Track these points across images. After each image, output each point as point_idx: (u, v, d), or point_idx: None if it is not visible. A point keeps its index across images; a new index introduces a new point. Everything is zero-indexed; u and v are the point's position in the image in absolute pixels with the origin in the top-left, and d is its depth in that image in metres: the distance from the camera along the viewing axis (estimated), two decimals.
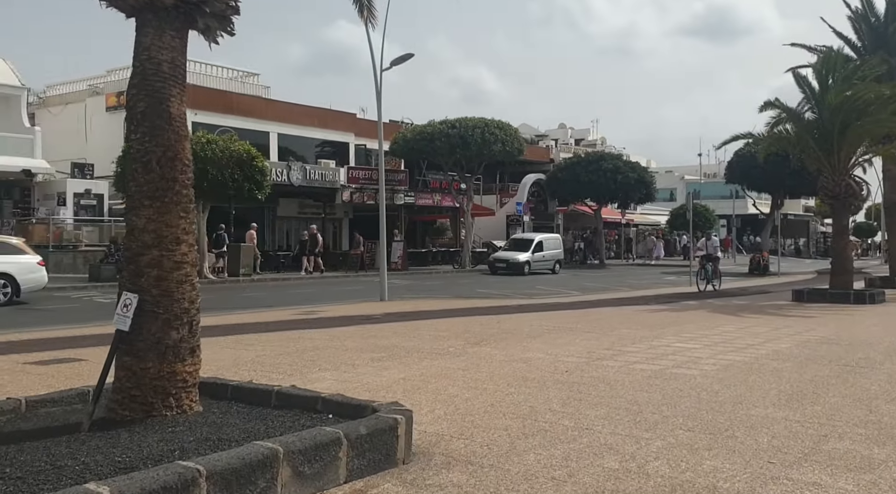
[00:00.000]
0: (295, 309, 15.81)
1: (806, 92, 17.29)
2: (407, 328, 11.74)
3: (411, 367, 7.81)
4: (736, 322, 12.91)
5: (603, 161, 41.38)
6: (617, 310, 15.23)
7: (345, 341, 9.94)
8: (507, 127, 33.77)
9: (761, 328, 11.91)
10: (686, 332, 11.25)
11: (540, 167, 48.34)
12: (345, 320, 13.13)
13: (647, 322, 12.78)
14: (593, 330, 11.45)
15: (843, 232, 17.34)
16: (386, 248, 30.36)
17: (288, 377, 7.16)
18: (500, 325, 12.14)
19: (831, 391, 6.82)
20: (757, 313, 14.66)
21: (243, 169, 22.82)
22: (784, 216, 63.94)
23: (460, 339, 10.25)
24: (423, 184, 38.80)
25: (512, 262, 32.31)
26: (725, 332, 11.29)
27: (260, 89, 35.17)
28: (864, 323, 12.80)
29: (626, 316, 13.79)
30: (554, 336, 10.75)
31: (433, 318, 13.42)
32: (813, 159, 17.50)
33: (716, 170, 72.38)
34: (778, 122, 17.59)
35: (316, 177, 31.22)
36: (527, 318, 13.44)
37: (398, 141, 33.36)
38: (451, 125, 32.50)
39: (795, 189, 39.70)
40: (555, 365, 8.12)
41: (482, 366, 7.94)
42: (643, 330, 11.57)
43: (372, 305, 16.81)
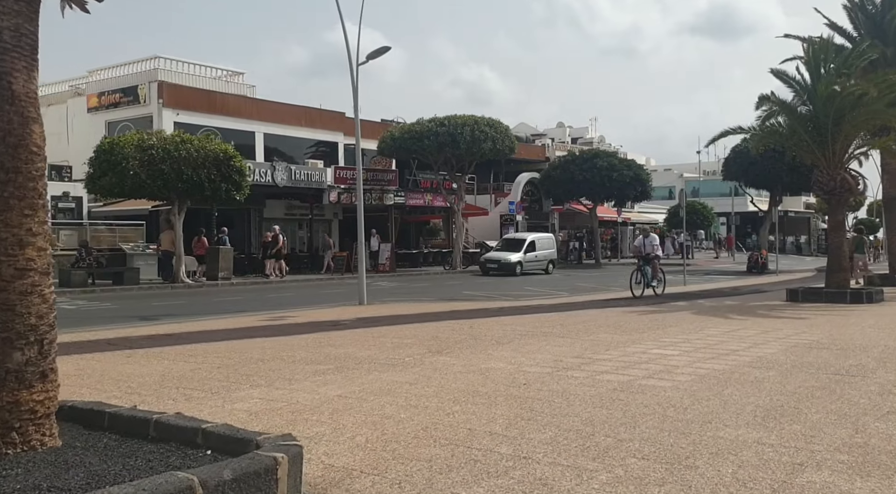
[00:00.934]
0: (265, 314, 15.11)
1: (793, 86, 16.56)
2: (371, 335, 11.03)
3: (354, 382, 7.10)
4: (723, 324, 12.18)
5: (597, 158, 40.65)
6: (601, 313, 14.50)
7: (297, 351, 9.22)
8: (497, 124, 33.04)
9: (749, 331, 11.17)
10: (667, 336, 10.53)
11: (536, 166, 47.65)
12: (310, 326, 12.42)
13: (629, 325, 12.06)
14: (568, 335, 10.73)
15: (838, 227, 16.58)
16: (370, 250, 29.94)
17: (210, 396, 6.45)
18: (471, 330, 11.43)
19: (815, 405, 6.10)
20: (747, 314, 13.93)
21: (220, 169, 22.14)
22: (784, 213, 63.23)
23: (423, 347, 9.53)
24: (413, 184, 38.10)
25: (503, 263, 31.60)
26: (709, 336, 10.56)
27: (245, 88, 34.49)
28: (859, 324, 12.06)
29: (609, 319, 13.06)
30: (525, 341, 10.03)
31: (405, 323, 12.71)
32: (807, 153, 16.75)
33: (716, 167, 71.66)
34: (770, 115, 16.83)
35: (301, 177, 30.51)
36: (503, 322, 12.72)
37: (386, 139, 32.66)
38: (440, 123, 31.79)
39: (793, 185, 38.84)
40: (514, 376, 7.41)
41: (434, 379, 7.23)
42: (622, 334, 10.85)
43: (347, 309, 16.11)
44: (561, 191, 41.89)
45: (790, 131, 16.75)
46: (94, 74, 32.84)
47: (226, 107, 32.01)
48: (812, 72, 16.27)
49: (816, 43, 17.39)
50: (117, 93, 30.92)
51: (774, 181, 36.92)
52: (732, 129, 17.12)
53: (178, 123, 29.93)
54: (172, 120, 29.85)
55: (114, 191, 21.29)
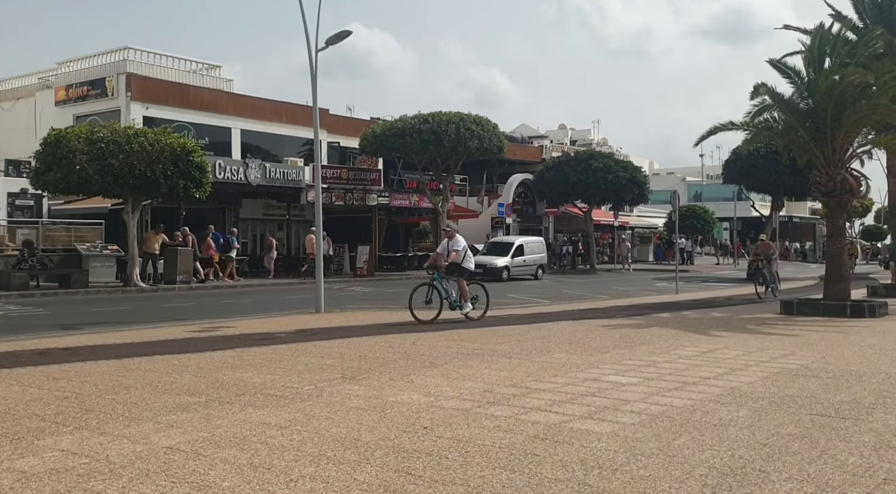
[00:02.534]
0: (201, 324, 13.66)
1: (791, 77, 15.02)
2: (292, 353, 9.56)
3: (212, 423, 5.63)
4: (702, 342, 10.67)
5: (592, 160, 39.18)
6: (571, 326, 13.01)
7: (182, 376, 7.77)
8: (484, 122, 31.56)
9: (729, 351, 9.66)
10: (632, 357, 9.03)
11: (532, 168, 46.14)
12: (235, 340, 10.97)
13: (595, 342, 10.57)
14: (520, 354, 9.24)
15: (838, 233, 15.04)
16: (331, 253, 28.28)
17: (6, 444, 5.00)
18: (412, 347, 9.96)
19: (788, 466, 4.61)
20: (733, 329, 12.41)
21: (178, 164, 20.72)
22: (789, 219, 61.57)
23: (338, 371, 8.07)
24: (398, 184, 36.67)
25: (489, 268, 30.07)
26: (681, 358, 9.05)
27: (222, 82, 33.12)
28: (858, 344, 10.54)
29: (576, 334, 11.57)
30: (464, 363, 8.56)
31: (345, 337, 11.26)
32: (804, 151, 15.23)
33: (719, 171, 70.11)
34: (762, 110, 15.30)
35: (277, 175, 29.10)
36: (456, 337, 11.25)
37: (367, 137, 31.22)
38: (423, 120, 30.35)
39: (796, 189, 37.21)
40: (420, 415, 5.94)
41: (314, 421, 5.76)
42: (581, 353, 9.36)
43: (296, 319, 14.67)
44: (554, 194, 40.41)
45: (786, 127, 15.22)
46: (64, 66, 31.52)
47: (200, 101, 30.61)
48: (814, 62, 14.74)
49: (821, 31, 15.83)
50: (85, 86, 29.57)
51: (776, 184, 35.34)
52: (723, 125, 15.58)
53: (147, 118, 28.59)
54: (142, 114, 28.50)
55: (59, 187, 19.91)
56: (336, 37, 16.48)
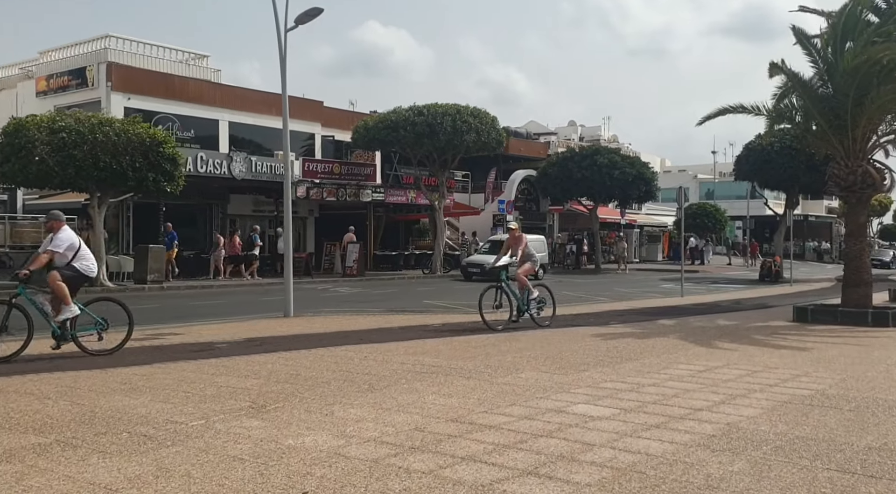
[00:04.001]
0: (147, 330, 12.25)
1: (812, 54, 13.45)
2: (216, 370, 8.18)
3: (23, 482, 4.24)
4: (700, 357, 9.17)
5: (598, 155, 37.59)
6: (556, 334, 11.54)
7: (56, 402, 6.41)
8: (482, 115, 30.05)
9: (731, 370, 8.17)
10: (614, 378, 7.56)
11: (538, 164, 44.55)
12: (167, 352, 9.63)
13: (576, 356, 9.10)
14: (481, 374, 7.80)
15: (858, 232, 13.46)
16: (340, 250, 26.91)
17: None
18: (359, 363, 8.55)
19: None
20: (738, 341, 10.90)
21: (147, 156, 19.40)
22: (804, 217, 59.53)
23: (250, 397, 6.66)
24: (394, 179, 35.25)
25: (487, 267, 28.61)
26: (672, 379, 7.58)
27: (210, 73, 31.80)
28: (884, 360, 9.01)
29: (557, 346, 10.11)
30: (410, 385, 7.13)
31: (295, 349, 9.87)
32: (822, 141, 13.67)
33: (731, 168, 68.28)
34: (784, 94, 13.73)
35: (263, 169, 27.74)
36: (418, 349, 9.82)
37: (359, 130, 29.80)
38: (418, 112, 28.88)
39: (812, 186, 35.41)
40: (313, 469, 4.52)
41: (171, 475, 4.36)
42: (556, 372, 7.91)
43: (254, 325, 13.27)
44: (558, 190, 38.85)
45: (804, 114, 13.66)
46: (46, 55, 30.31)
47: (185, 92, 29.30)
48: (835, 42, 13.11)
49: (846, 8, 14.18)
50: (66, 76, 28.33)
51: (791, 181, 33.62)
52: (732, 107, 14.03)
53: (129, 109, 27.27)
54: (123, 105, 27.20)
55: (17, 180, 18.66)
56: (306, 15, 15.08)
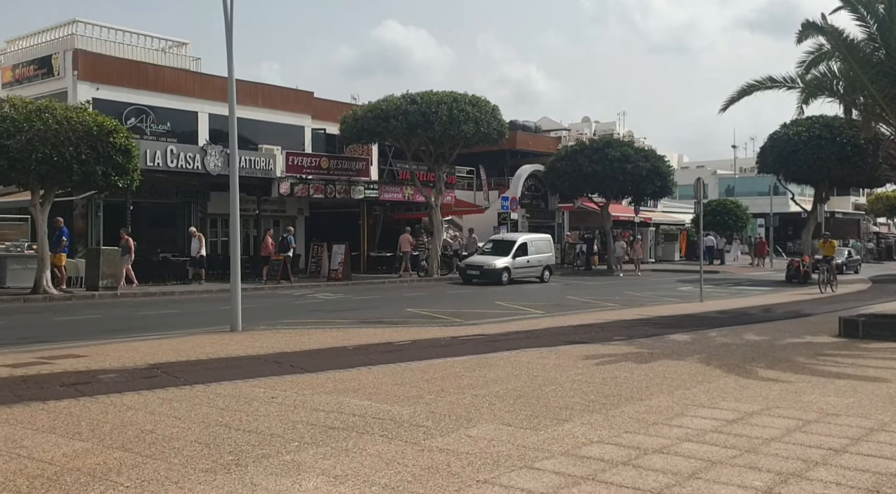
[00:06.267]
0: (44, 350, 10.07)
1: (859, 11, 10.95)
2: (48, 421, 5.92)
3: None
4: (728, 395, 6.75)
5: (609, 148, 34.99)
6: (542, 358, 9.16)
7: None
8: (482, 104, 27.63)
9: (774, 419, 5.76)
10: (603, 437, 5.17)
11: (547, 160, 42.09)
12: (28, 386, 7.38)
13: (558, 395, 6.73)
14: (412, 432, 5.45)
15: None
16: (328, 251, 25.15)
17: None
18: (257, 410, 6.25)
19: None
20: (776, 366, 8.44)
21: (96, 147, 17.22)
22: (831, 214, 56.34)
23: (36, 481, 4.36)
24: (389, 175, 32.95)
25: (487, 269, 26.28)
26: (689, 437, 5.18)
27: (189, 61, 29.65)
28: None
29: (535, 379, 7.73)
30: (292, 457, 4.81)
31: (202, 381, 7.62)
32: (872, 116, 11.19)
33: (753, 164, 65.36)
34: (818, 59, 11.27)
35: (243, 164, 25.48)
36: (347, 384, 7.50)
37: (347, 120, 27.48)
38: (411, 100, 26.51)
39: (843, 179, 32.71)
40: None
41: None
42: (522, 424, 5.54)
43: (182, 343, 11.00)
44: (567, 186, 36.26)
45: (849, 83, 11.17)
46: (13, 44, 28.33)
47: (161, 82, 27.14)
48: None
49: None
50: (32, 65, 26.31)
51: (820, 173, 30.83)
52: (760, 82, 11.59)
53: (98, 100, 25.19)
54: (91, 95, 25.07)
55: None
56: None
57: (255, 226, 29.73)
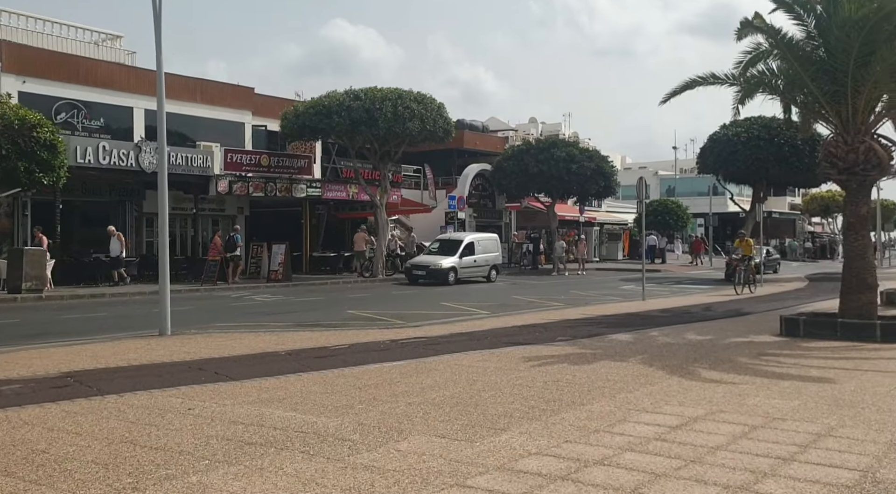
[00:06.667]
0: None
1: (795, 10, 10.93)
2: None
3: None
4: (672, 398, 6.51)
5: (555, 148, 35.08)
6: (483, 360, 8.82)
7: None
8: (428, 101, 27.24)
9: (719, 424, 5.51)
10: (542, 447, 4.84)
11: (494, 159, 41.94)
12: None
13: (497, 401, 6.38)
14: (336, 446, 5.02)
15: (859, 225, 10.98)
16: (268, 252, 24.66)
17: None
18: (171, 422, 5.74)
19: None
20: (719, 367, 8.28)
21: (17, 142, 16.23)
22: (768, 214, 57.75)
23: None
24: (333, 173, 32.28)
25: (433, 269, 25.90)
26: (632, 446, 4.88)
27: (123, 55, 28.48)
28: None
29: (474, 381, 7.38)
30: (199, 479, 4.33)
31: (117, 391, 7.06)
32: (812, 113, 11.21)
33: (693, 164, 66.69)
34: (757, 57, 11.24)
35: (179, 161, 24.55)
36: (272, 393, 7.03)
37: (288, 116, 26.75)
38: (354, 96, 25.94)
39: (781, 179, 33.42)
40: None
41: None
42: (457, 435, 5.16)
43: (104, 349, 10.30)
44: (513, 185, 36.21)
45: (789, 81, 11.16)
46: None
47: (93, 76, 25.94)
48: None
49: None
50: None
51: (759, 173, 31.41)
52: (702, 78, 11.50)
53: (25, 93, 23.93)
54: (17, 88, 23.80)
55: None
56: None
57: (194, 226, 28.79)
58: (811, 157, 30.92)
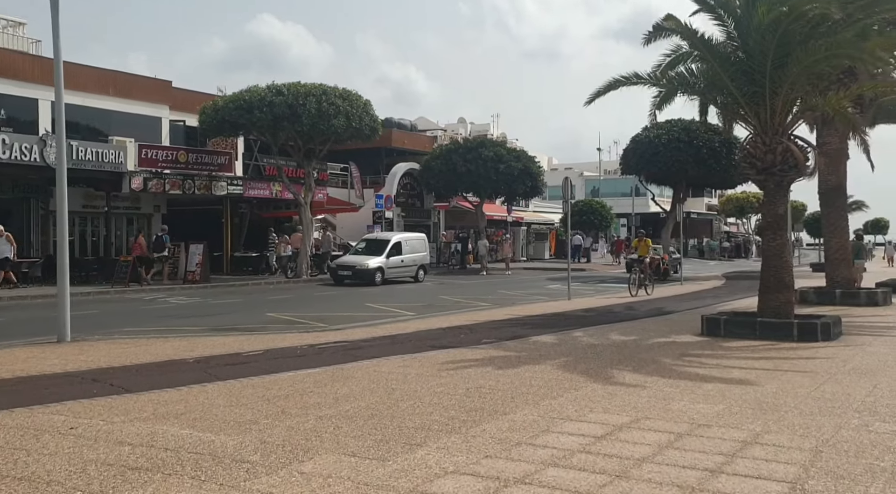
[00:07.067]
0: None
1: (716, 10, 10.98)
2: None
3: None
4: (596, 404, 6.28)
5: (483, 148, 35.03)
6: (403, 366, 8.43)
7: None
8: (354, 98, 26.63)
9: (645, 433, 5.29)
10: (460, 464, 4.49)
11: (423, 158, 41.57)
12: None
13: (414, 412, 6.01)
14: (232, 470, 4.53)
15: (777, 225, 11.12)
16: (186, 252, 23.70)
17: None
18: (47, 444, 5.11)
19: None
20: (643, 369, 8.14)
21: None
22: (686, 215, 59.75)
23: None
24: (255, 171, 31.26)
25: (359, 269, 25.32)
26: (556, 461, 4.59)
27: (27, 43, 26.78)
28: (847, 403, 6.43)
29: (393, 389, 6.99)
30: None
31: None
32: (732, 114, 11.30)
33: (617, 166, 68.09)
34: (677, 59, 11.24)
35: (88, 156, 23.20)
36: (171, 406, 6.46)
37: (207, 111, 25.68)
38: (276, 91, 25.10)
39: (700, 180, 34.36)
40: None
41: None
42: (369, 453, 4.75)
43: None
44: (442, 185, 36.00)
45: (710, 82, 11.21)
46: None
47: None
48: None
49: None
50: None
51: (679, 174, 32.17)
52: (626, 78, 11.42)
53: None
54: None
55: None
56: None
57: (106, 225, 27.34)
58: (728, 159, 31.94)
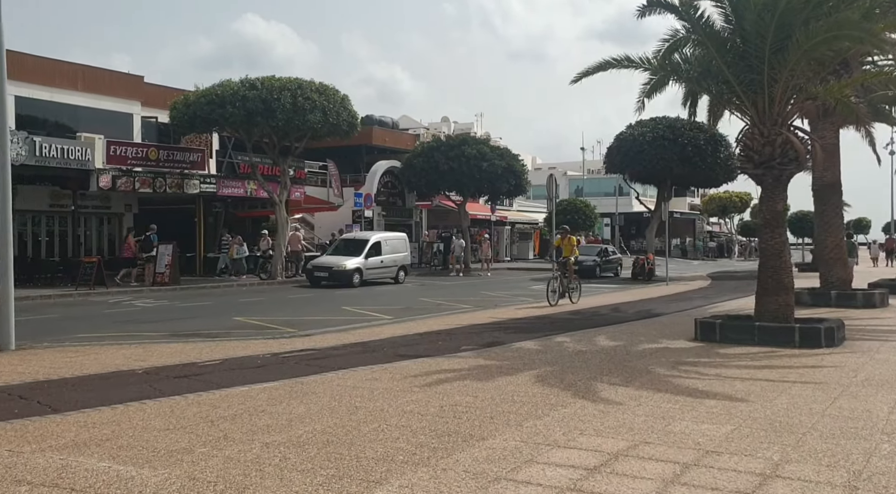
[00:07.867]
0: None
1: None
2: None
3: None
4: (587, 426, 5.50)
5: (465, 146, 34.18)
6: (371, 379, 7.62)
7: None
8: (331, 92, 25.73)
9: (645, 463, 4.52)
10: None
11: (405, 156, 40.71)
12: None
13: (377, 438, 5.20)
14: None
15: (776, 222, 10.42)
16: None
17: None
18: None
19: None
20: (635, 382, 7.38)
21: None
22: (670, 214, 59.45)
23: None
24: (229, 168, 30.29)
25: (336, 271, 24.43)
26: None
27: None
28: (869, 421, 5.70)
29: (356, 409, 6.17)
30: None
31: None
32: (727, 103, 10.59)
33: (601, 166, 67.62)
34: (676, 45, 10.51)
35: (53, 153, 22.17)
36: (103, 430, 5.62)
37: (178, 106, 24.68)
38: (250, 85, 24.15)
39: (685, 179, 33.81)
40: None
41: None
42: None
43: None
44: (424, 183, 35.14)
45: (704, 69, 10.49)
46: None
47: None
48: None
49: None
50: None
51: (663, 173, 31.61)
52: (617, 60, 10.67)
53: None
54: None
55: None
56: None
57: (74, 225, 26.27)
58: (713, 157, 31.48)
